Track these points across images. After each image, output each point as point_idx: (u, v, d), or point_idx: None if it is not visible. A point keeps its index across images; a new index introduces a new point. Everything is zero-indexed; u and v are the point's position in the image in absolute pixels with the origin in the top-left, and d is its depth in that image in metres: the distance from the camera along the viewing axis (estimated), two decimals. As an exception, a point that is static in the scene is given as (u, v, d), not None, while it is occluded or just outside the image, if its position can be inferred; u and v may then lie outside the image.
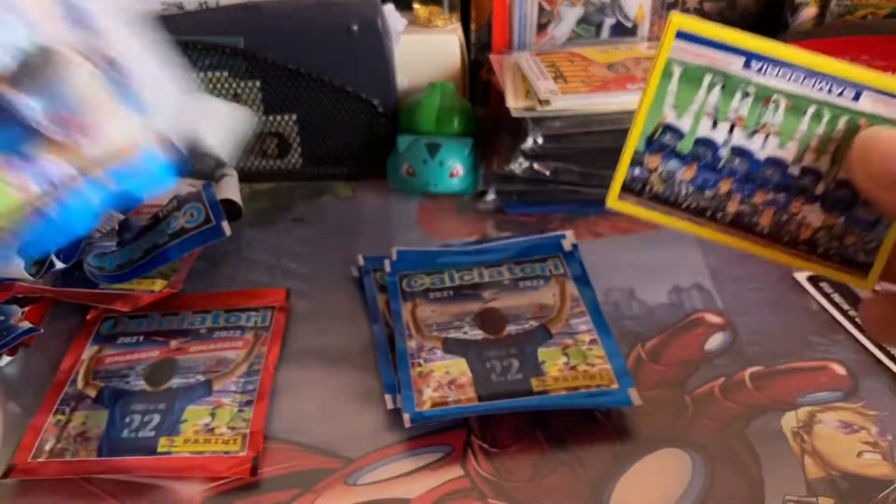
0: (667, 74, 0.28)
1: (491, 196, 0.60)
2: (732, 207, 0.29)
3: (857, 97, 0.27)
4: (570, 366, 0.44)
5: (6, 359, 0.47)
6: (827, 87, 0.27)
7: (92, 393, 0.44)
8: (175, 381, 0.45)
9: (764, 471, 0.40)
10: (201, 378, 0.45)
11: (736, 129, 0.29)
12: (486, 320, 0.48)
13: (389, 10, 0.63)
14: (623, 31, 0.69)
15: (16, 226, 0.34)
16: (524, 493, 0.39)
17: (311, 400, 0.45)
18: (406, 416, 0.42)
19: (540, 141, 0.58)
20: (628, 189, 0.30)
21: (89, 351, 0.47)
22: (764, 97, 0.28)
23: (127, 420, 0.43)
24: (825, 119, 0.28)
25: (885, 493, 0.39)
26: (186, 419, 0.43)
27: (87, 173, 0.34)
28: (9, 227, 0.34)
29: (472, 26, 0.68)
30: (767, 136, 0.28)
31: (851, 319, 0.48)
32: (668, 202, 0.30)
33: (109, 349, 0.47)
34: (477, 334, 0.47)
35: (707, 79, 0.28)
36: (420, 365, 0.45)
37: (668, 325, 0.49)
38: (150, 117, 0.36)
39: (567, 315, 0.48)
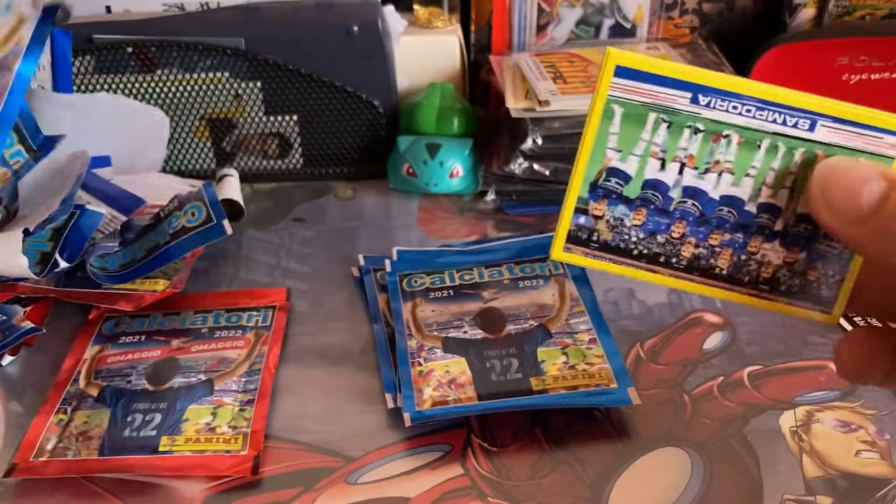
0: (607, 115, 0.26)
1: (491, 196, 0.61)
2: (687, 251, 0.28)
3: (812, 127, 0.26)
4: (569, 365, 0.44)
5: (8, 358, 0.47)
6: (780, 119, 0.26)
7: (94, 392, 0.45)
8: (176, 381, 0.45)
9: (762, 470, 0.40)
10: (203, 377, 0.45)
11: (686, 169, 0.27)
12: (485, 320, 0.48)
13: (389, 11, 0.63)
14: (622, 31, 0.69)
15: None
16: (524, 492, 0.39)
17: (312, 399, 0.45)
18: (406, 416, 0.42)
19: (539, 141, 0.58)
20: (574, 239, 0.28)
21: (91, 350, 0.48)
22: (714, 133, 0.26)
23: (128, 419, 0.43)
24: (781, 152, 0.26)
25: (883, 491, 0.39)
26: (188, 418, 0.43)
27: None
28: None
29: (472, 27, 0.69)
30: (720, 173, 0.27)
31: (849, 319, 0.48)
32: (618, 250, 0.28)
33: (111, 349, 0.48)
34: (477, 334, 0.47)
35: (652, 117, 0.26)
36: (420, 364, 0.45)
37: (666, 324, 0.49)
38: None
39: (566, 314, 0.48)
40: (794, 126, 0.26)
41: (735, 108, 0.26)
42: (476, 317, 0.48)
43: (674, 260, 0.28)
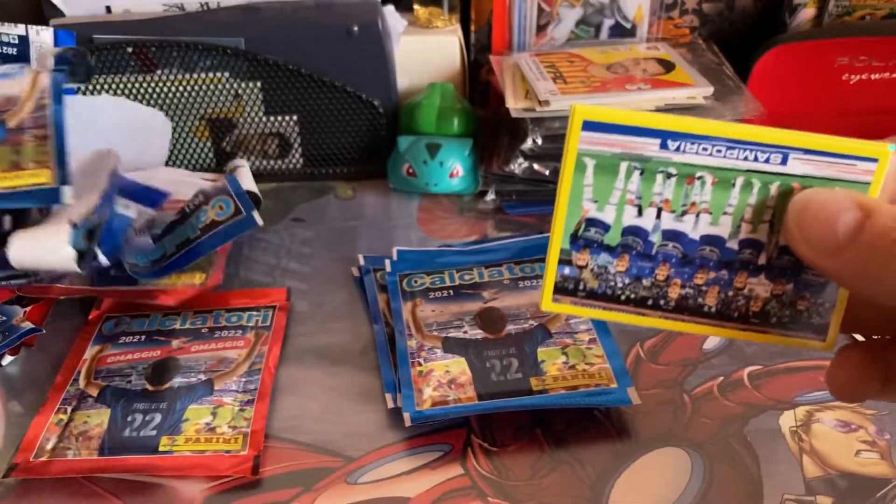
0: (580, 168, 0.27)
1: (491, 196, 0.61)
2: (674, 292, 0.28)
3: (784, 160, 0.26)
4: (569, 365, 0.44)
5: (8, 358, 0.47)
6: (752, 155, 0.26)
7: (94, 392, 0.45)
8: (176, 381, 0.45)
9: (762, 470, 0.40)
10: (202, 377, 0.45)
11: (664, 213, 0.27)
12: (485, 320, 0.48)
13: (389, 11, 0.63)
14: (622, 31, 0.69)
15: None
16: (523, 492, 0.39)
17: (312, 399, 0.45)
18: (406, 415, 0.42)
19: (539, 141, 0.58)
20: (562, 289, 0.29)
21: (91, 350, 0.48)
22: (687, 176, 0.26)
23: (129, 419, 0.43)
24: (756, 188, 0.26)
25: (882, 491, 0.39)
26: (188, 418, 0.43)
27: None
28: None
29: (472, 27, 0.69)
30: (698, 214, 0.27)
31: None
32: (605, 297, 0.28)
33: (111, 349, 0.48)
34: (477, 333, 0.47)
35: (624, 166, 0.27)
36: (420, 364, 0.45)
37: (667, 324, 0.49)
38: None
39: (567, 315, 0.48)
40: (767, 161, 0.26)
41: (705, 149, 0.26)
42: (476, 317, 0.48)
43: (662, 302, 0.28)
